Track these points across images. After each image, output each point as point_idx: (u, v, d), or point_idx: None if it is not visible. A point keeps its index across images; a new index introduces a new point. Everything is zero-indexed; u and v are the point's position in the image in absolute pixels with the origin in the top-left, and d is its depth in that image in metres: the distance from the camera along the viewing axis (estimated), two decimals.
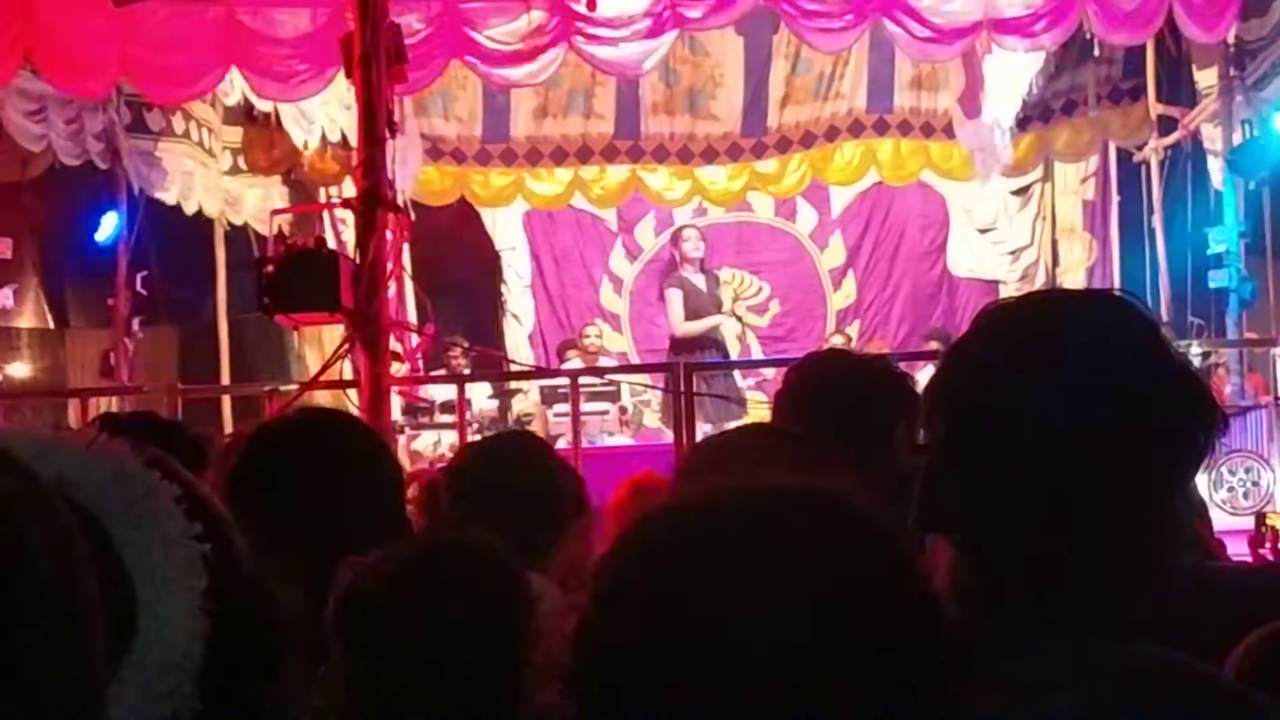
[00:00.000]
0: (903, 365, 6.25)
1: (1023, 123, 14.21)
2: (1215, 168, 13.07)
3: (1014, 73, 12.83)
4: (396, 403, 10.68)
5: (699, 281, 12.75)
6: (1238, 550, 5.56)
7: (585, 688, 1.11)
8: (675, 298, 12.73)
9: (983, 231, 15.62)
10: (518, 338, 15.49)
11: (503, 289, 15.71)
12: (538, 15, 11.37)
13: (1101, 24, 11.24)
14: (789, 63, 14.55)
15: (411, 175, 13.30)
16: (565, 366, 13.35)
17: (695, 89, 14.79)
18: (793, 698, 1.05)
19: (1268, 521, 5.70)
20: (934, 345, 12.71)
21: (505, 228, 15.73)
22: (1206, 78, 12.99)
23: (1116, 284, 13.97)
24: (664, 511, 1.16)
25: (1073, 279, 14.86)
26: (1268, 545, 5.57)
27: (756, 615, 1.06)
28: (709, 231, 14.72)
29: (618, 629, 1.10)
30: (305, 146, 13.06)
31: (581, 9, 11.10)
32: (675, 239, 13.52)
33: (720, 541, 1.10)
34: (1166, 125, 13.80)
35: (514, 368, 13.64)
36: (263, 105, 12.55)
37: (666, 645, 1.07)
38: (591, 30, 11.44)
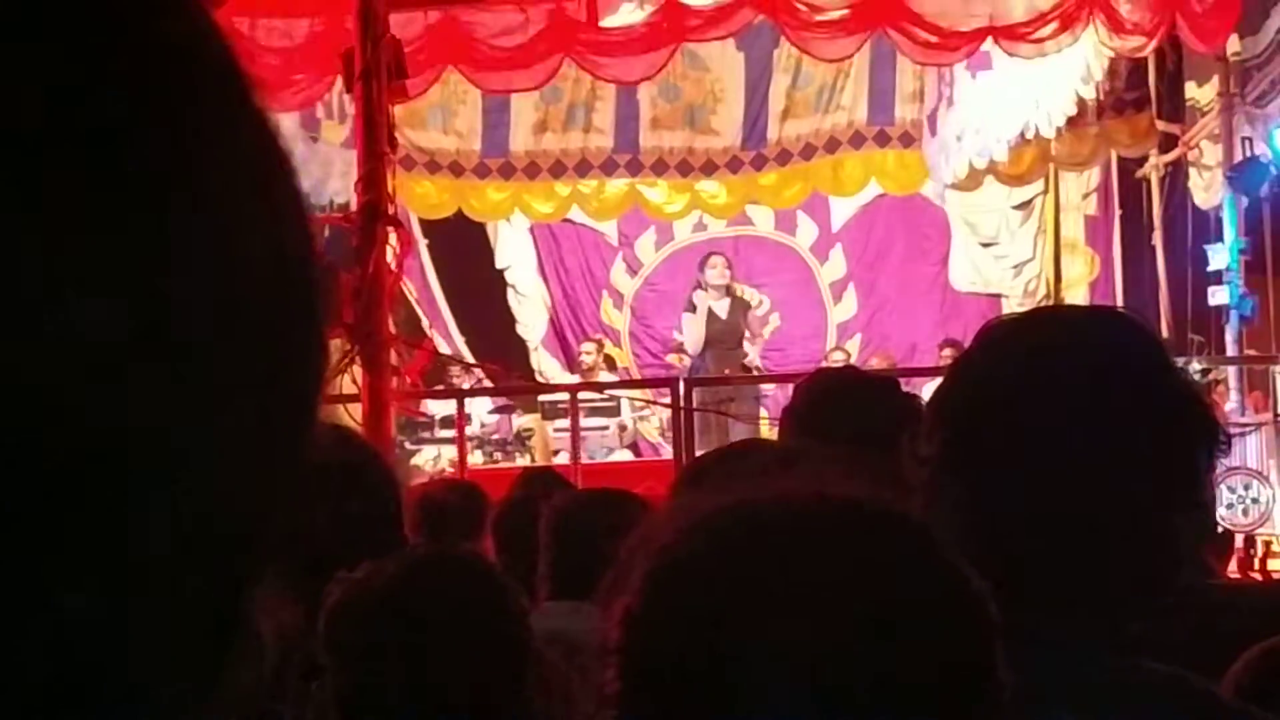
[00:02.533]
0: (913, 379, 6.27)
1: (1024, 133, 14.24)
2: (1200, 185, 13.10)
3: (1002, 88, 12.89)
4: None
5: (720, 309, 12.79)
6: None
7: (631, 692, 1.11)
8: (688, 322, 12.95)
9: (985, 245, 15.62)
10: (543, 356, 15.54)
11: (510, 305, 15.76)
12: (536, 26, 11.37)
13: (1106, 33, 11.24)
14: (789, 76, 14.55)
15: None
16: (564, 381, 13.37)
17: (695, 104, 14.79)
18: (837, 710, 1.05)
19: (1259, 541, 5.72)
20: (948, 354, 12.69)
21: (509, 243, 15.77)
22: (1203, 94, 13.03)
23: (1119, 300, 14.01)
24: (725, 511, 1.15)
25: (1075, 294, 14.86)
26: (1257, 566, 5.58)
27: (811, 625, 1.06)
28: (708, 244, 14.78)
29: (664, 631, 1.10)
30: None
31: (581, 19, 11.12)
32: (701, 264, 13.61)
33: (780, 549, 1.11)
34: (1166, 143, 13.82)
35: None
36: None
37: (716, 651, 1.07)
38: (591, 38, 11.44)
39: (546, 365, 15.24)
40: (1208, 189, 13.04)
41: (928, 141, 14.46)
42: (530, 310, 15.80)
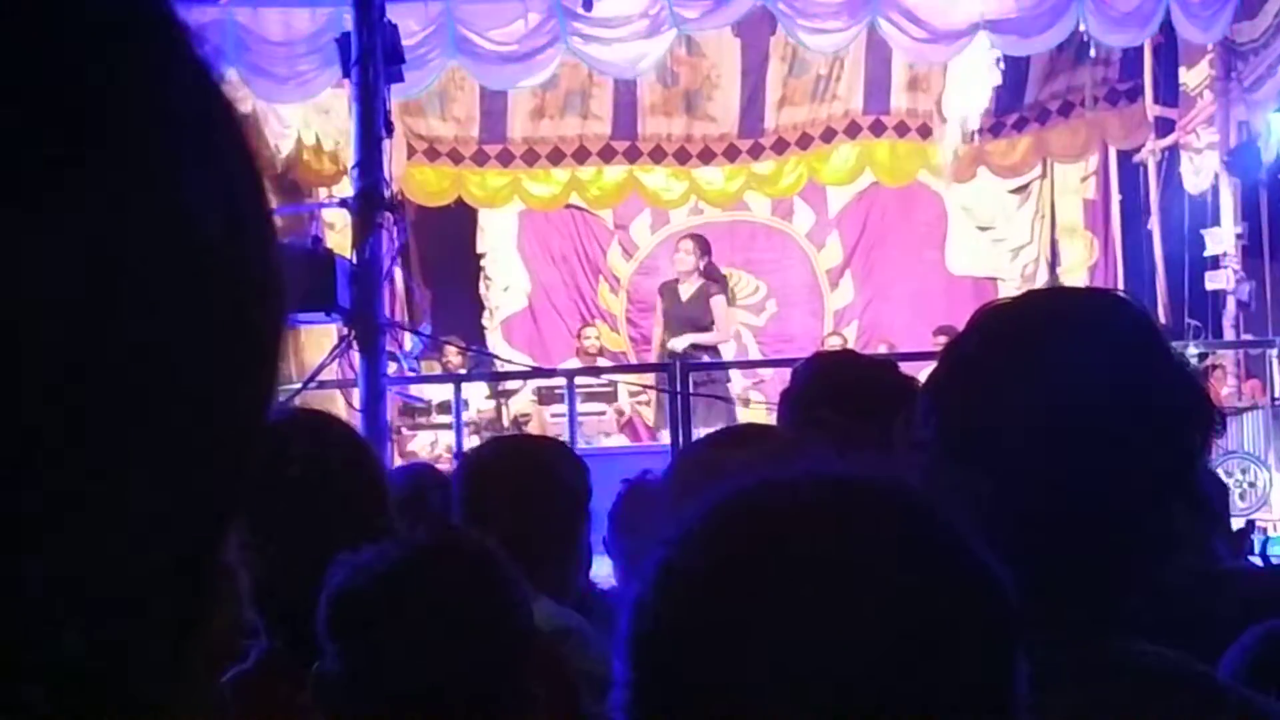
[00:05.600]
0: (908, 364, 6.26)
1: (1019, 124, 14.25)
2: (1191, 170, 13.10)
3: (972, 82, 12.96)
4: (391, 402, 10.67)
5: (684, 292, 12.74)
6: None
7: (641, 682, 1.11)
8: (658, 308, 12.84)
9: (982, 229, 15.62)
10: (498, 340, 15.48)
11: (485, 292, 15.73)
12: (535, 16, 11.37)
13: (1098, 25, 11.25)
14: (785, 64, 14.55)
15: (396, 175, 13.28)
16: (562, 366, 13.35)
17: (692, 90, 14.79)
18: (851, 703, 1.04)
19: (1258, 526, 5.72)
20: (942, 340, 12.70)
21: (494, 229, 15.76)
22: (1194, 79, 13.05)
23: (1119, 284, 14.02)
24: (737, 500, 1.15)
25: (1075, 279, 14.86)
26: (1257, 552, 5.58)
27: (825, 617, 1.05)
28: (704, 231, 14.79)
29: (675, 621, 1.10)
30: (278, 150, 12.95)
31: (578, 9, 11.11)
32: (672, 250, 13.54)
33: (793, 538, 1.10)
34: (1163, 127, 13.82)
35: (510, 368, 13.62)
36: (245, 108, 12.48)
37: (727, 643, 1.06)
38: (589, 30, 11.45)
39: (503, 350, 15.14)
40: (1198, 173, 13.05)
41: (938, 126, 14.46)
42: (499, 295, 15.77)
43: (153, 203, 0.50)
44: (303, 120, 12.54)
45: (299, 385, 8.49)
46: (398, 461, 10.75)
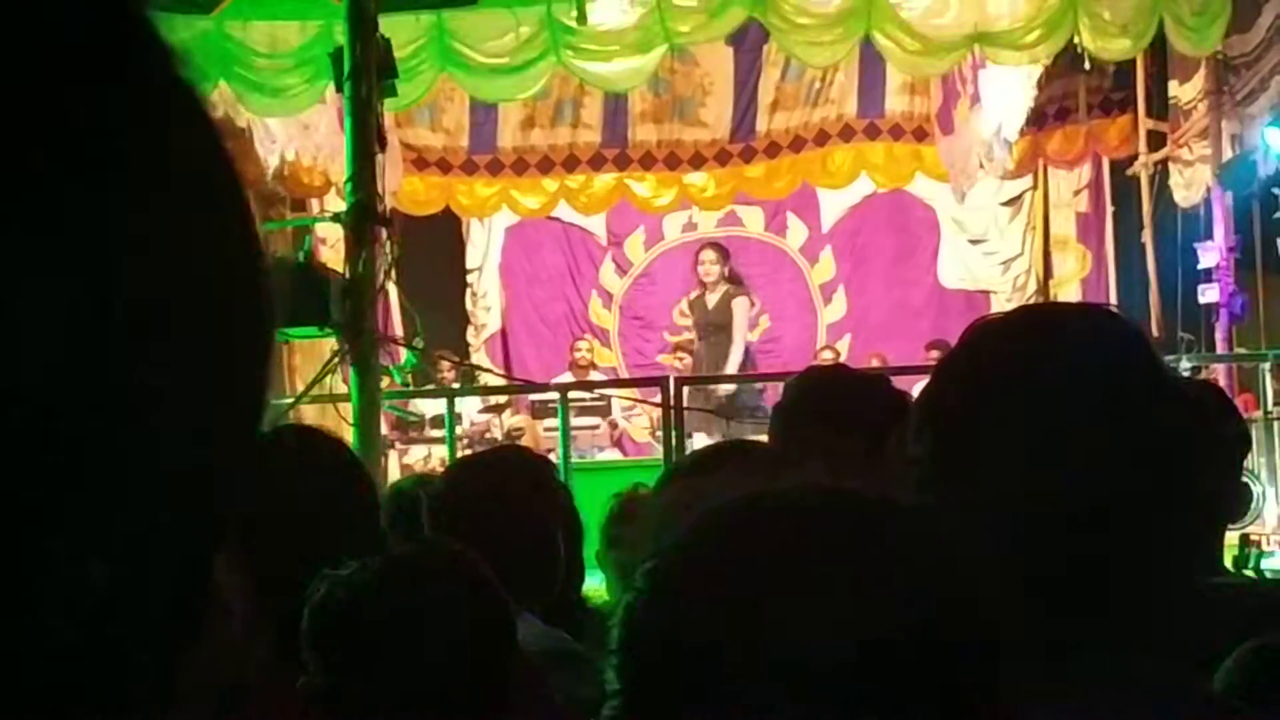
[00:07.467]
0: (901, 378, 6.25)
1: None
2: (1181, 184, 13.11)
3: (1010, 83, 12.89)
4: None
5: (710, 301, 12.74)
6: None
7: (632, 690, 1.11)
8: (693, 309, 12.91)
9: (974, 242, 15.62)
10: (482, 357, 15.45)
11: (471, 308, 15.71)
12: (526, 30, 11.37)
13: (1092, 37, 11.26)
14: (779, 69, 14.57)
15: (391, 189, 13.25)
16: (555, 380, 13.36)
17: (684, 97, 14.80)
18: (855, 704, 1.04)
19: (1252, 540, 5.73)
20: (935, 354, 12.70)
21: (483, 244, 15.73)
22: (1185, 93, 13.07)
23: (1111, 297, 14.02)
24: (729, 509, 1.15)
25: (1067, 291, 14.87)
26: (1251, 565, 5.58)
27: (814, 625, 1.05)
28: (699, 245, 14.78)
29: (667, 629, 1.10)
30: (267, 164, 12.92)
31: (571, 23, 11.12)
32: (694, 260, 13.60)
33: (784, 547, 1.10)
34: (1156, 140, 13.83)
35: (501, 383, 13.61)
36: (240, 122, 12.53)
37: (718, 649, 1.06)
38: (581, 44, 11.45)
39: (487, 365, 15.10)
40: (1189, 187, 13.06)
41: (939, 139, 14.42)
42: (483, 313, 15.75)
43: (143, 230, 0.50)
44: (286, 135, 12.53)
45: (292, 400, 8.49)
46: (392, 476, 10.75)
